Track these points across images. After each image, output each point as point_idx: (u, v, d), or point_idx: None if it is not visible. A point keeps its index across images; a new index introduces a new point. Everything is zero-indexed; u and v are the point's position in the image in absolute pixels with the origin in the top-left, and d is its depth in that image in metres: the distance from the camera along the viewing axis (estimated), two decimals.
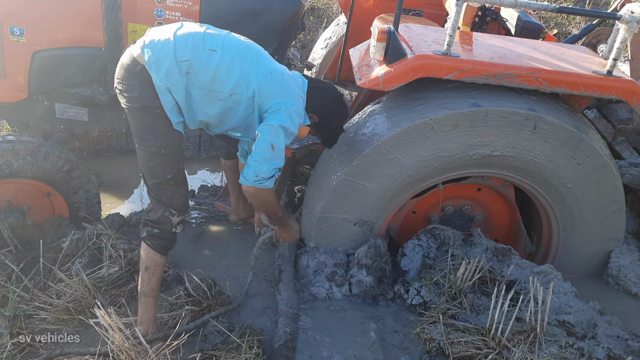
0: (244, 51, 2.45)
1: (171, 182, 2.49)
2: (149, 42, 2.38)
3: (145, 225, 2.53)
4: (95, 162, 4.19)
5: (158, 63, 2.34)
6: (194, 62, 2.36)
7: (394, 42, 2.78)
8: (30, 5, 2.95)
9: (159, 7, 3.07)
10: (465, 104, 2.78)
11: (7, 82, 3.11)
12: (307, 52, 6.35)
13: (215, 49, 2.39)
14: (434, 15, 4.36)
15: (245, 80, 2.42)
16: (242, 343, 2.47)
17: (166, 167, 2.47)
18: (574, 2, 7.31)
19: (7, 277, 2.83)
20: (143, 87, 2.37)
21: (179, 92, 2.38)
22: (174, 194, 2.51)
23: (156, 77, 2.35)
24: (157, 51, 2.35)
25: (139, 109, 2.40)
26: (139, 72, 2.37)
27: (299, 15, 3.29)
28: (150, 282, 2.52)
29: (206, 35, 2.42)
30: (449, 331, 2.61)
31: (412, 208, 3.25)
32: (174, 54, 2.34)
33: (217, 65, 2.38)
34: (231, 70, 2.40)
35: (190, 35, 2.40)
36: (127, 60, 2.41)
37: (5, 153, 2.93)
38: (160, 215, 2.50)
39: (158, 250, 2.52)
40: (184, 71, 2.36)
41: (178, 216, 2.53)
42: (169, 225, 2.51)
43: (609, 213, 3.07)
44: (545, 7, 2.68)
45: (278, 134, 2.44)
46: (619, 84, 2.76)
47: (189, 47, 2.36)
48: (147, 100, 2.38)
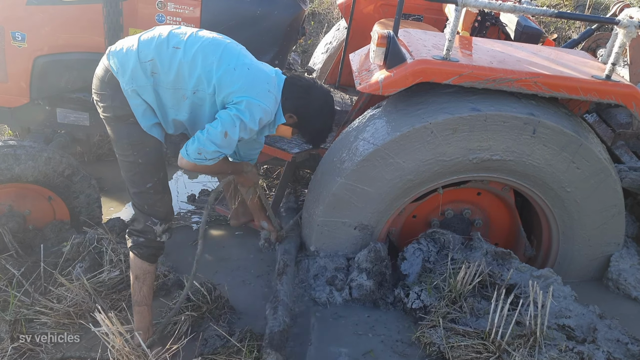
0: (208, 47, 2.36)
1: (151, 190, 2.45)
2: (115, 49, 2.37)
3: (131, 234, 2.51)
4: (96, 167, 4.21)
5: (123, 67, 2.32)
6: (157, 62, 2.32)
7: (393, 47, 2.80)
8: (32, 11, 2.97)
9: (160, 13, 3.09)
10: (465, 108, 2.79)
11: (8, 87, 3.14)
12: (307, 56, 6.37)
13: (178, 47, 2.33)
14: (433, 20, 4.38)
15: (207, 76, 2.34)
16: (242, 347, 2.48)
17: (145, 176, 2.43)
18: (574, 7, 7.33)
19: (8, 281, 2.84)
20: (114, 96, 2.35)
21: (148, 93, 2.35)
22: (155, 202, 2.47)
23: (122, 80, 2.32)
24: (121, 56, 2.33)
25: (113, 119, 2.39)
26: (108, 80, 2.36)
27: (300, 20, 3.31)
28: (142, 290, 2.51)
29: (171, 34, 2.37)
30: (449, 335, 2.61)
31: (412, 212, 3.26)
32: (137, 55, 2.31)
33: (179, 62, 2.32)
34: (193, 66, 2.33)
35: (155, 35, 2.36)
36: (99, 70, 2.41)
37: (6, 157, 2.95)
38: (143, 225, 2.48)
39: (145, 258, 2.50)
40: (149, 72, 2.32)
41: (161, 225, 2.49)
42: (153, 234, 2.49)
43: (608, 217, 3.07)
44: (544, 12, 2.70)
45: (234, 124, 2.34)
46: (617, 88, 2.76)
47: (152, 47, 2.32)
48: (119, 108, 2.36)
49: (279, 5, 3.17)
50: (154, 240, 2.50)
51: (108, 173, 4.19)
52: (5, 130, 4.44)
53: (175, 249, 3.29)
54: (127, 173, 2.46)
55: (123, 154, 2.43)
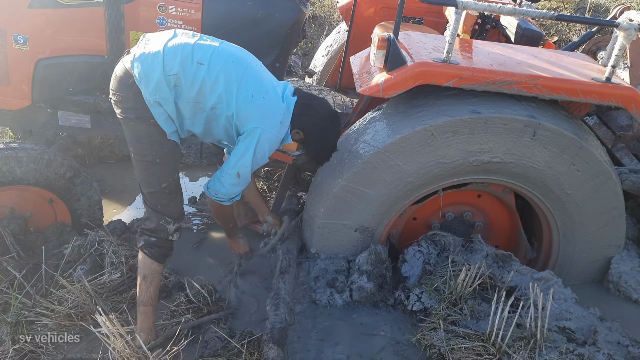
0: (231, 67, 2.43)
1: (166, 190, 2.50)
2: (139, 55, 2.38)
3: (142, 234, 2.54)
4: (97, 169, 4.21)
5: (147, 78, 2.35)
6: (182, 76, 2.36)
7: (394, 49, 2.80)
8: (33, 14, 2.98)
9: (161, 16, 3.09)
10: (465, 110, 2.79)
11: (10, 90, 3.14)
12: (308, 59, 6.38)
13: (202, 62, 2.38)
14: (434, 23, 4.39)
15: (227, 98, 2.42)
16: (242, 349, 2.48)
17: (161, 176, 2.48)
18: (574, 10, 7.34)
19: (10, 283, 2.84)
20: (137, 98, 2.38)
21: (169, 105, 2.40)
22: (169, 202, 2.52)
23: (145, 91, 2.36)
24: (146, 65, 2.35)
25: (134, 119, 2.42)
26: (131, 84, 2.38)
27: (300, 23, 3.32)
28: (149, 290, 2.54)
29: (195, 48, 2.40)
30: (450, 337, 2.62)
31: (412, 214, 3.26)
32: (162, 67, 2.34)
33: (202, 79, 2.38)
34: (216, 85, 2.39)
35: (180, 47, 2.39)
36: (120, 71, 2.43)
37: (8, 160, 2.95)
38: (156, 224, 2.51)
39: (155, 258, 2.54)
40: (172, 84, 2.36)
41: (174, 224, 2.54)
42: (165, 233, 2.53)
43: (609, 219, 3.07)
44: (544, 14, 2.70)
45: (246, 163, 2.47)
46: (617, 90, 2.77)
47: (178, 61, 2.36)
48: (142, 110, 2.39)
49: (280, 8, 3.17)
50: (165, 240, 2.54)
51: (109, 175, 4.19)
52: (7, 133, 4.45)
53: (176, 252, 3.28)
54: (143, 172, 2.50)
55: (141, 153, 2.46)
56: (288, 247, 3.15)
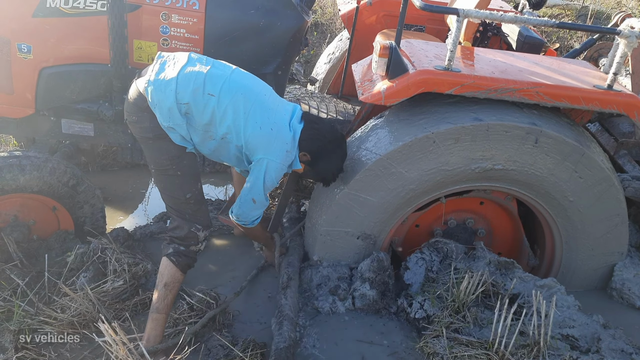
0: (240, 100, 2.52)
1: (191, 201, 2.59)
2: (153, 79, 2.47)
3: (172, 242, 2.60)
4: (100, 177, 4.23)
5: (160, 104, 2.45)
6: (192, 106, 2.47)
7: (395, 57, 2.82)
8: (37, 23, 3.00)
9: (164, 24, 3.11)
10: (467, 118, 2.80)
11: (14, 98, 3.16)
12: (310, 67, 6.41)
13: (213, 94, 2.48)
14: (436, 30, 4.40)
15: (236, 130, 2.54)
16: (245, 357, 2.48)
17: (184, 187, 2.58)
18: (575, 17, 7.36)
19: (13, 291, 2.84)
20: (152, 118, 2.50)
21: (182, 129, 2.52)
22: (196, 211, 2.62)
23: (160, 116, 2.48)
24: (159, 92, 2.45)
25: (152, 138, 2.53)
26: (147, 107, 2.49)
27: (303, 31, 3.33)
28: (167, 298, 2.57)
29: (208, 78, 2.49)
30: (452, 345, 2.61)
31: (415, 222, 3.26)
32: (174, 96, 2.44)
33: (212, 110, 2.49)
34: (225, 117, 2.51)
35: (193, 76, 2.48)
36: (134, 94, 2.54)
37: (12, 168, 2.97)
38: (187, 231, 2.59)
39: (181, 267, 2.59)
40: (183, 112, 2.48)
41: (203, 231, 2.63)
42: (196, 240, 2.61)
43: (611, 226, 3.07)
44: (545, 22, 2.71)
45: (259, 190, 2.61)
46: (619, 97, 2.77)
47: (190, 91, 2.46)
48: (159, 128, 2.50)
49: (282, 16, 3.19)
50: (192, 250, 2.62)
51: (112, 183, 4.21)
52: (10, 141, 4.47)
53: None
54: (167, 186, 2.60)
55: (162, 169, 2.57)
56: (289, 259, 3.15)
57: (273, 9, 3.17)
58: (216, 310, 2.78)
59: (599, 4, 7.48)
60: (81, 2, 2.99)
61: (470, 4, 3.54)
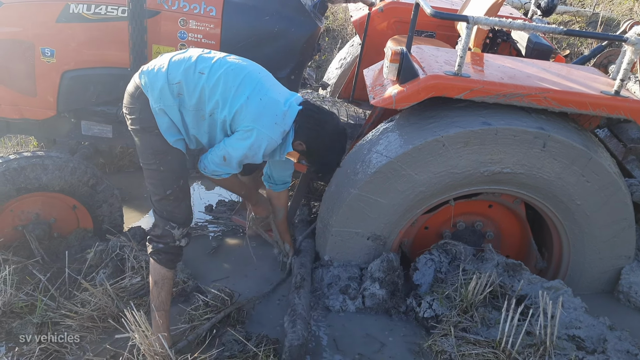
0: (230, 74, 2.50)
1: (171, 197, 2.57)
2: (147, 68, 2.53)
3: (151, 241, 2.63)
4: (117, 177, 4.33)
5: (152, 85, 2.48)
6: (184, 85, 2.47)
7: (406, 63, 2.88)
8: (60, 28, 3.10)
9: (182, 30, 3.21)
10: (476, 122, 2.86)
11: (37, 101, 3.26)
12: (322, 71, 6.49)
13: (203, 72, 2.49)
14: (446, 37, 4.46)
15: (223, 102, 2.48)
16: (258, 352, 2.55)
17: (165, 184, 2.56)
18: (586, 23, 7.38)
19: (35, 286, 2.95)
20: (142, 108, 2.51)
21: (174, 113, 2.51)
22: (174, 208, 2.59)
23: (151, 98, 2.49)
24: (152, 75, 2.50)
25: (140, 130, 2.55)
26: (138, 96, 2.52)
27: (315, 38, 3.41)
28: (160, 295, 2.62)
29: (199, 59, 2.52)
30: (460, 344, 2.66)
31: (424, 224, 3.32)
32: (166, 76, 2.47)
33: (202, 87, 2.47)
34: (213, 91, 2.47)
35: (184, 59, 2.52)
36: (130, 86, 2.58)
37: (35, 167, 3.07)
38: (162, 230, 2.59)
39: (164, 264, 2.61)
40: (175, 93, 2.48)
41: (179, 229, 2.60)
42: (172, 238, 2.59)
43: (618, 230, 3.11)
44: (553, 29, 2.76)
45: (236, 154, 2.54)
46: (626, 104, 2.82)
47: (181, 70, 2.48)
48: (146, 120, 2.51)
49: (296, 23, 3.27)
50: (173, 246, 2.61)
51: (128, 183, 4.31)
52: (31, 142, 4.59)
53: (194, 258, 3.38)
54: (150, 180, 2.60)
55: (147, 162, 2.57)
56: (301, 260, 3.22)
57: (287, 15, 3.26)
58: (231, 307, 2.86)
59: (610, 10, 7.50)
60: (103, 8, 3.10)
61: (481, 11, 3.60)
